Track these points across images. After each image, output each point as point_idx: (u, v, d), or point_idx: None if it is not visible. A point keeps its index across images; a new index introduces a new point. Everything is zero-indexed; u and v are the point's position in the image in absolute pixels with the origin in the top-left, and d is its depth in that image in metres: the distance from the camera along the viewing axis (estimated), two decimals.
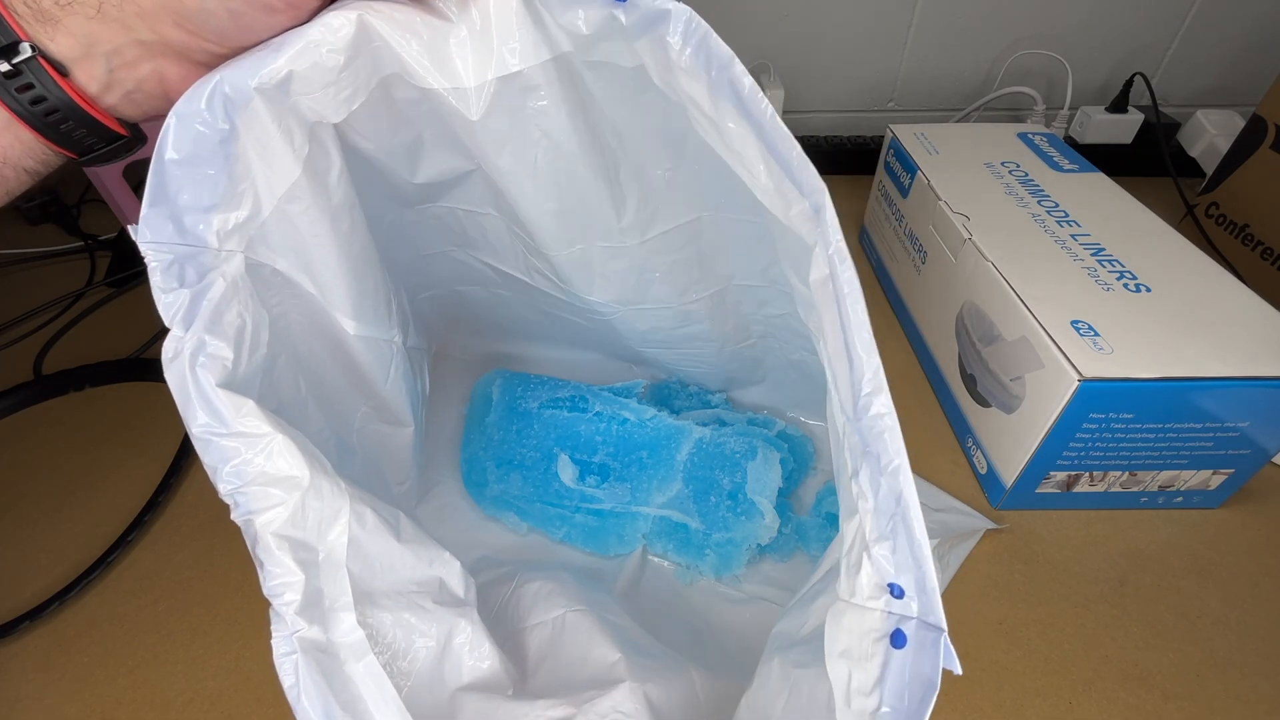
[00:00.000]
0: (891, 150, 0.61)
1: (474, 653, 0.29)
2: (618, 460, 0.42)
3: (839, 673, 0.20)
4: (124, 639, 0.37)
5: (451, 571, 0.30)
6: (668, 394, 0.49)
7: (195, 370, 0.22)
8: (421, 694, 0.27)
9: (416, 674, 0.28)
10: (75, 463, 0.47)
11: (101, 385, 0.53)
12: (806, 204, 0.23)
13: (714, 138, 0.26)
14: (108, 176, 0.46)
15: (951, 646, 0.18)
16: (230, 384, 0.23)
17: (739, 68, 0.23)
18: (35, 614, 0.37)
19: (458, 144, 0.31)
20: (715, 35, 0.23)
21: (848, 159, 0.81)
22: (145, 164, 0.24)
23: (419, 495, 0.43)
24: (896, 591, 0.18)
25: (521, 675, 0.31)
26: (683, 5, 0.23)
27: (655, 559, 0.41)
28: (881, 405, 0.20)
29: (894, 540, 0.19)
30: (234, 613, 0.38)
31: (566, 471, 0.41)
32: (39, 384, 0.53)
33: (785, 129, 0.23)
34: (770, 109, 0.23)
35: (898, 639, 0.18)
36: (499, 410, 0.45)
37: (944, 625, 0.18)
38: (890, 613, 0.18)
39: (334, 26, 0.25)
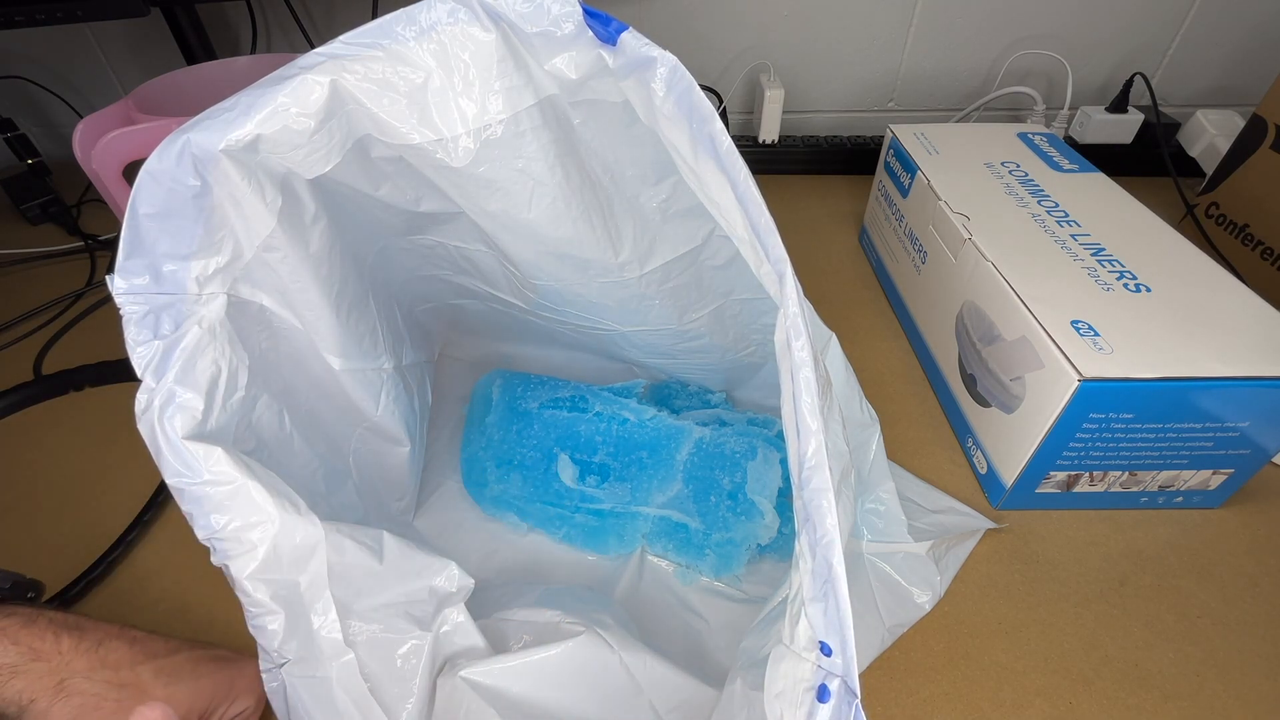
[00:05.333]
0: (891, 150, 0.61)
1: (461, 636, 0.30)
2: (618, 460, 0.42)
3: (774, 712, 0.21)
4: None
5: (443, 574, 0.30)
6: (668, 394, 0.49)
7: (164, 423, 0.23)
8: (413, 685, 0.28)
9: (408, 669, 0.28)
10: (75, 463, 0.47)
11: (101, 385, 0.53)
12: (773, 269, 0.23)
13: (694, 184, 0.26)
14: (108, 176, 0.46)
15: (864, 714, 0.19)
16: (200, 433, 0.24)
17: (718, 125, 0.23)
18: None
19: (443, 192, 0.31)
20: (698, 88, 0.23)
21: (848, 159, 0.81)
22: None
23: (418, 501, 0.43)
24: (825, 650, 0.20)
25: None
26: (668, 54, 0.23)
27: (655, 559, 0.41)
28: (820, 481, 0.21)
29: (825, 603, 0.21)
30: (234, 613, 0.38)
31: (566, 471, 0.41)
32: (39, 384, 0.53)
33: (758, 193, 0.23)
34: (746, 171, 0.23)
35: (823, 694, 0.20)
36: (499, 410, 0.45)
37: (858, 692, 0.20)
38: (819, 667, 0.20)
39: (306, 90, 0.24)
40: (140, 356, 0.23)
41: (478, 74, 0.26)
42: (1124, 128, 0.75)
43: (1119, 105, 0.74)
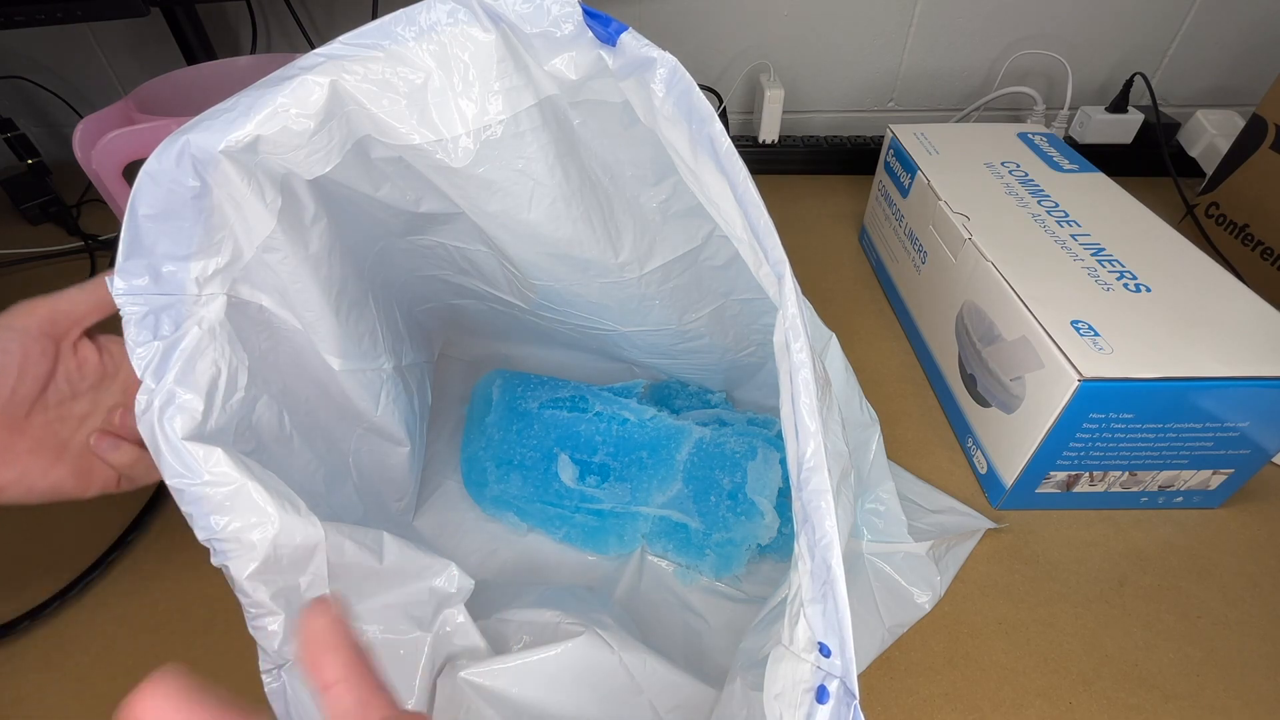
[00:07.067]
0: (891, 150, 0.61)
1: (461, 637, 0.30)
2: (618, 460, 0.42)
3: (773, 713, 0.21)
4: (124, 639, 0.37)
5: (443, 574, 0.30)
6: (668, 394, 0.49)
7: (164, 423, 0.23)
8: (414, 685, 0.28)
9: (408, 670, 0.28)
10: None
11: None
12: (772, 270, 0.23)
13: (694, 185, 0.26)
14: (107, 176, 0.46)
15: (863, 714, 0.20)
16: (200, 434, 0.24)
17: (718, 126, 0.23)
18: (35, 614, 0.37)
19: (443, 193, 0.31)
20: (697, 89, 0.23)
21: (848, 159, 0.81)
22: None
23: (418, 501, 0.44)
24: (825, 650, 0.20)
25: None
26: (668, 55, 0.23)
27: (655, 559, 0.41)
28: (819, 482, 0.21)
29: (824, 604, 0.21)
30: (234, 613, 0.38)
31: (566, 471, 0.41)
32: None
33: (757, 194, 0.23)
34: (745, 172, 0.23)
35: (821, 695, 0.20)
36: (499, 410, 0.45)
37: (857, 693, 0.20)
38: (818, 668, 0.20)
39: (305, 91, 0.24)
40: (140, 357, 0.23)
41: (477, 75, 0.26)
42: (1124, 128, 0.75)
43: (1119, 105, 0.74)
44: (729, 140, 0.23)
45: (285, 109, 0.24)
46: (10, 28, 0.56)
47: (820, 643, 0.20)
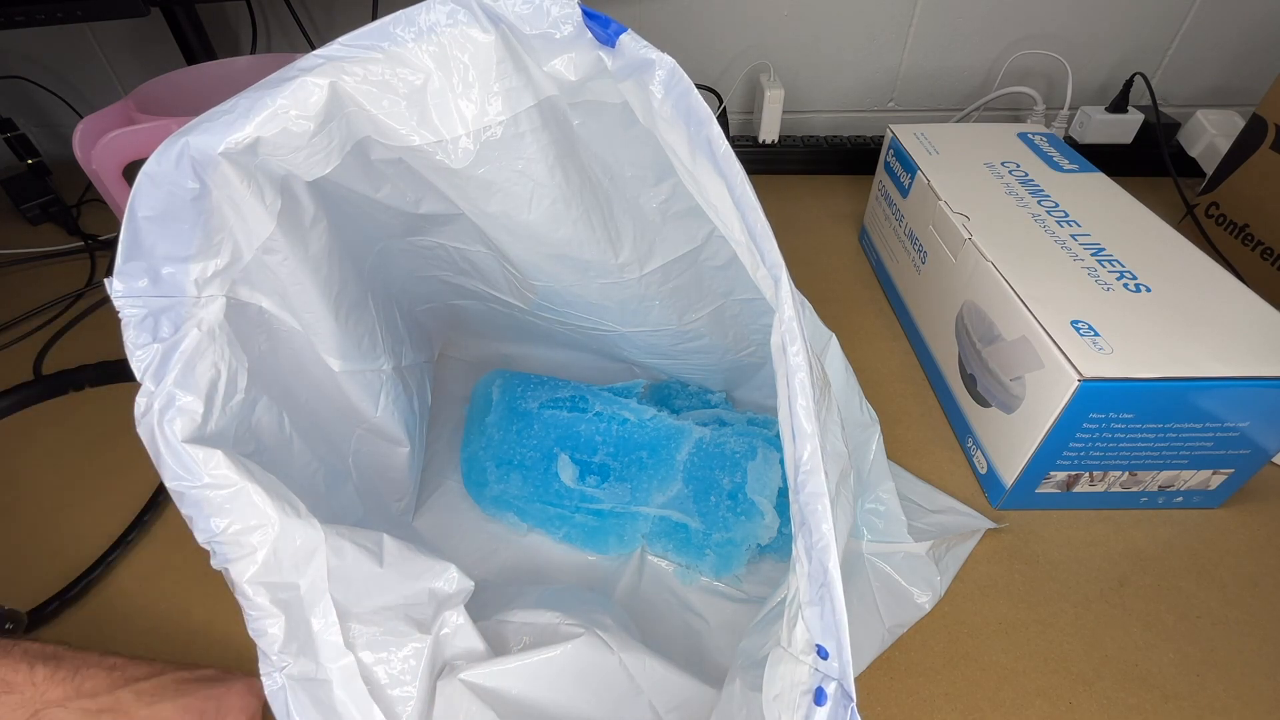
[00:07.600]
0: (891, 150, 0.61)
1: (461, 638, 0.30)
2: (618, 460, 0.42)
3: (772, 714, 0.22)
4: (124, 639, 0.37)
5: (443, 576, 0.30)
6: (668, 394, 0.49)
7: (164, 426, 0.23)
8: (414, 687, 0.28)
9: (408, 672, 0.28)
10: (75, 463, 0.47)
11: (101, 385, 0.53)
12: (769, 273, 0.23)
13: (692, 187, 0.26)
14: (108, 176, 0.46)
15: (860, 717, 0.20)
16: (200, 436, 0.24)
17: (715, 128, 0.23)
18: (35, 614, 0.37)
19: (443, 194, 0.31)
20: (696, 91, 0.23)
21: (848, 159, 0.81)
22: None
23: (418, 502, 0.44)
24: (822, 653, 0.20)
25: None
26: (666, 56, 0.23)
27: (655, 559, 0.41)
28: (816, 485, 0.21)
29: (821, 606, 0.21)
30: (234, 613, 0.38)
31: (566, 471, 0.41)
32: (39, 384, 0.52)
33: (754, 197, 0.23)
34: (743, 174, 0.23)
35: (819, 697, 0.20)
36: (499, 410, 0.45)
37: (854, 695, 0.20)
38: (816, 670, 0.20)
39: (305, 92, 0.24)
40: (139, 360, 0.23)
41: (477, 76, 0.26)
42: (1124, 128, 0.75)
43: (1119, 105, 0.74)
44: (727, 142, 0.23)
45: (285, 110, 0.24)
46: (10, 28, 0.56)
47: (818, 645, 0.20)
